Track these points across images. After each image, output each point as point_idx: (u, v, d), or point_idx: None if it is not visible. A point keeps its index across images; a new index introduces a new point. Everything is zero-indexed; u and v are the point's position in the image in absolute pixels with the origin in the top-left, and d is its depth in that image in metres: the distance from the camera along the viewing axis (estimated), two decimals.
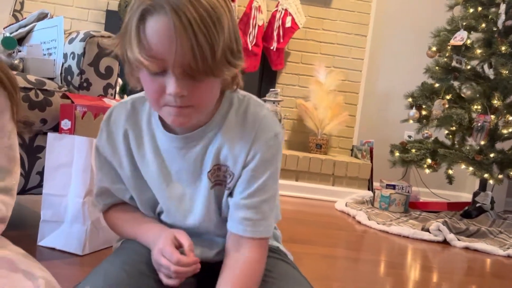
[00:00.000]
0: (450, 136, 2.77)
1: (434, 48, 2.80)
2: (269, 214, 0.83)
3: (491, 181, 2.41)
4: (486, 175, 2.39)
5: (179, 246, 0.80)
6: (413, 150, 2.68)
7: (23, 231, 1.52)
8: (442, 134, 2.82)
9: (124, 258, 0.84)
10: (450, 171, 2.75)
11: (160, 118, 0.82)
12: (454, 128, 2.55)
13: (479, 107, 2.48)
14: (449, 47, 2.68)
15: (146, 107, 0.85)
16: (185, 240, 0.79)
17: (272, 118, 0.83)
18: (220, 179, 0.84)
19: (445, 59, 2.71)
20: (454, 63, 2.57)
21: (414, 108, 2.78)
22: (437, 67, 2.76)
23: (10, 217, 0.86)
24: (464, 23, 2.66)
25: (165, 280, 0.78)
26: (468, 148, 2.43)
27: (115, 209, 0.93)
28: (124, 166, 0.86)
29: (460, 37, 2.60)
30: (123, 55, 0.73)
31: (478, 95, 2.48)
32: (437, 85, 2.76)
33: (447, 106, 2.58)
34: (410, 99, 2.85)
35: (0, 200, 0.79)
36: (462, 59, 2.58)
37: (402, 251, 2.02)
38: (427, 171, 2.69)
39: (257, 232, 0.82)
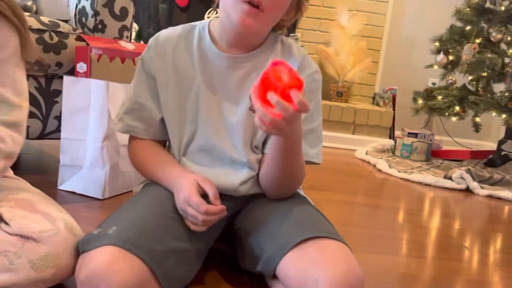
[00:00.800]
0: (474, 82, 2.66)
1: None
2: (317, 142, 0.90)
3: None
4: None
5: (203, 193, 0.80)
6: (439, 97, 2.58)
7: (43, 175, 1.53)
8: (466, 80, 2.70)
9: (148, 199, 0.85)
10: (477, 119, 2.65)
11: (212, 41, 0.89)
12: (485, 73, 2.42)
13: None
14: None
15: (195, 32, 0.91)
16: (209, 189, 0.80)
17: (314, 63, 0.93)
18: None
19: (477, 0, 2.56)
20: (488, 4, 2.42)
21: (441, 52, 2.66)
22: (468, 9, 2.60)
23: (30, 162, 0.85)
24: None
25: (192, 227, 0.80)
26: (499, 94, 2.31)
27: (140, 144, 0.93)
28: (169, 77, 0.89)
29: None
30: None
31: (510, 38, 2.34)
32: (468, 28, 2.62)
33: (477, 50, 2.46)
34: (437, 43, 2.72)
35: (7, 135, 0.76)
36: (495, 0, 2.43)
37: (423, 198, 1.99)
38: (453, 118, 2.61)
39: (306, 156, 0.87)
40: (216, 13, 3.01)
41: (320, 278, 0.68)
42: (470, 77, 2.62)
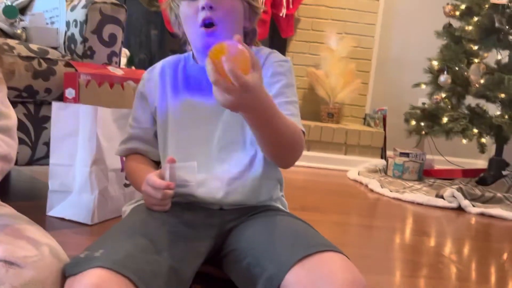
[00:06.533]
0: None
1: (463, 6, 2.60)
2: (296, 113, 0.94)
3: None
4: None
5: (162, 178, 0.87)
6: (445, 119, 2.55)
7: (32, 201, 1.51)
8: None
9: (135, 221, 0.86)
10: (483, 140, 2.60)
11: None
12: (503, 94, 2.32)
13: None
14: (486, 6, 2.44)
15: (181, 57, 1.02)
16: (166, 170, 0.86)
17: (282, 56, 0.98)
18: None
19: (479, 19, 2.47)
20: (497, 24, 2.35)
21: (445, 72, 2.62)
22: (469, 27, 2.52)
23: (20, 189, 0.86)
24: None
25: (155, 208, 0.88)
26: None
27: (133, 158, 1.03)
28: (161, 92, 0.99)
29: None
30: (171, 4, 0.95)
31: None
32: (475, 47, 2.58)
33: (485, 70, 2.41)
34: (435, 62, 2.68)
35: (0, 139, 0.78)
36: (502, 20, 2.37)
37: (416, 218, 1.99)
38: (464, 141, 2.57)
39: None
40: None
41: None
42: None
